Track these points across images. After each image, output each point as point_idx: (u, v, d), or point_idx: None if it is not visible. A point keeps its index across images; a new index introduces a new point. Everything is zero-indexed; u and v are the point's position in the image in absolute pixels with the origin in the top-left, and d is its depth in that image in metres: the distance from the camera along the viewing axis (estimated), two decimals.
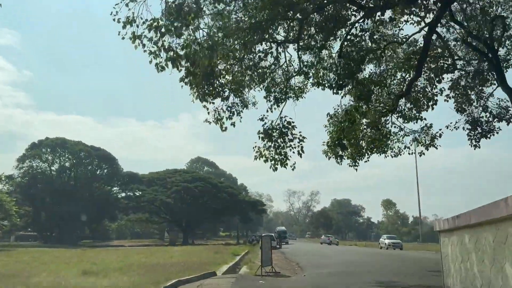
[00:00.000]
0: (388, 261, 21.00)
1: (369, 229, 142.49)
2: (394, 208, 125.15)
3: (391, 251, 39.18)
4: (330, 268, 17.67)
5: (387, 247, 45.60)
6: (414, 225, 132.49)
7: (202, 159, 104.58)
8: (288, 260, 24.05)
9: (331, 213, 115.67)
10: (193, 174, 60.70)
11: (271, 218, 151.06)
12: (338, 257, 25.44)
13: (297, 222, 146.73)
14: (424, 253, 35.22)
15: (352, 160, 20.04)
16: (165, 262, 20.41)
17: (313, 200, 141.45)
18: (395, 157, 20.98)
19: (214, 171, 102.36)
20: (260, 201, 67.71)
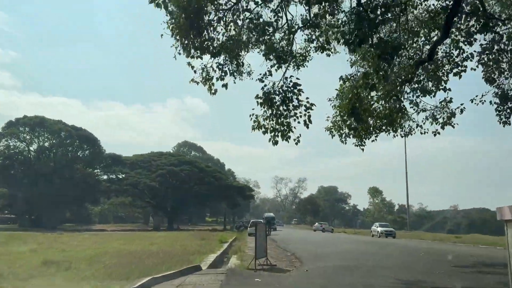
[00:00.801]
0: (395, 253, 18.68)
1: (355, 216, 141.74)
2: (381, 196, 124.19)
3: (385, 239, 37.13)
4: (333, 260, 15.24)
5: (379, 235, 43.59)
6: (400, 212, 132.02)
7: (189, 143, 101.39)
8: (281, 249, 21.61)
9: (318, 200, 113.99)
10: (179, 157, 57.73)
11: (258, 204, 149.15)
12: (336, 246, 23.10)
13: (284, 209, 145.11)
14: (421, 242, 33.19)
15: (358, 139, 17.60)
16: (144, 251, 17.80)
17: (300, 187, 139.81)
18: (405, 136, 18.54)
19: (202, 155, 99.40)
20: (248, 187, 65.26)
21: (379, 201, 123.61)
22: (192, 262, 13.34)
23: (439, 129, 17.20)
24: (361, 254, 17.57)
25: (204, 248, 20.37)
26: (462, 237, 37.08)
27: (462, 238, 35.97)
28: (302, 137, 11.04)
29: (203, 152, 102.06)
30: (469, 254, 18.74)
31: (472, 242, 30.87)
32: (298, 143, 11.24)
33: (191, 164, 55.41)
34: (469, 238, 37.19)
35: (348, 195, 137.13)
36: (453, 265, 13.30)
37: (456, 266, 13.18)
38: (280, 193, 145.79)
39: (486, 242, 30.52)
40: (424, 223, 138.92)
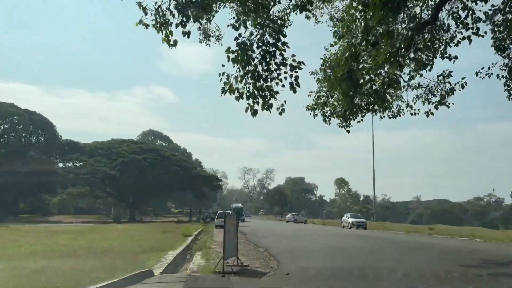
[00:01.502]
0: (385, 248, 16.44)
1: (321, 207, 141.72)
2: (347, 187, 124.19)
3: (359, 231, 35.32)
4: (316, 259, 12.83)
5: (350, 226, 41.94)
6: (364, 203, 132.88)
7: (155, 132, 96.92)
8: (252, 244, 19.04)
9: (285, 190, 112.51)
10: (142, 145, 53.94)
11: (226, 195, 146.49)
12: (313, 239, 20.75)
13: (251, 200, 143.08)
14: (398, 234, 31.55)
15: (342, 119, 15.25)
16: (92, 248, 14.84)
17: (268, 178, 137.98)
18: (393, 118, 16.24)
19: (168, 145, 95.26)
20: (215, 176, 62.35)
21: (345, 192, 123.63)
22: (143, 265, 10.56)
23: (432, 109, 15.03)
24: (347, 251, 15.26)
25: (164, 243, 17.56)
26: (435, 229, 35.82)
27: (436, 230, 34.67)
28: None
29: (169, 141, 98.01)
30: (463, 249, 16.79)
31: (448, 234, 29.44)
32: (283, 113, 8.59)
33: (155, 152, 51.87)
34: (443, 229, 36.00)
35: (315, 186, 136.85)
36: (459, 265, 11.13)
37: (464, 265, 11.02)
38: (248, 184, 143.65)
39: (461, 234, 29.16)
40: (387, 213, 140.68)
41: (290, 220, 61.12)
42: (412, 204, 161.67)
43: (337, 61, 10.52)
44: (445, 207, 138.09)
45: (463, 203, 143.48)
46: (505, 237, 24.90)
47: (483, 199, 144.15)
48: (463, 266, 10.87)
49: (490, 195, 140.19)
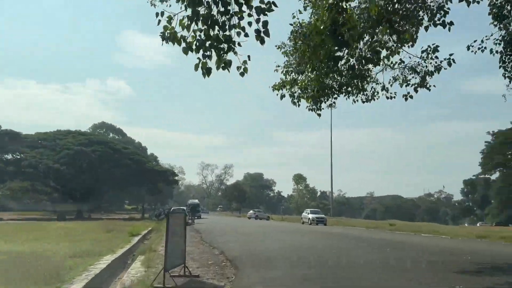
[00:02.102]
0: (356, 249, 14.40)
1: (279, 202, 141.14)
2: (304, 183, 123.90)
3: (321, 227, 33.65)
4: (284, 264, 10.58)
5: (310, 222, 40.37)
6: (321, 199, 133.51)
7: (107, 124, 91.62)
8: (207, 244, 16.55)
9: (244, 186, 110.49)
10: (91, 136, 49.66)
11: (183, 191, 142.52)
12: (275, 238, 18.52)
13: (209, 195, 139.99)
14: (360, 231, 30.10)
15: (313, 101, 13.18)
16: (9, 252, 11.89)
17: (227, 174, 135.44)
18: (367, 102, 14.24)
19: (121, 138, 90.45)
20: (171, 171, 58.97)
21: (302, 188, 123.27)
22: (63, 276, 7.91)
23: (411, 92, 13.19)
24: (315, 252, 13.11)
25: (103, 245, 14.72)
26: (396, 225, 34.87)
27: (396, 226, 33.66)
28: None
29: (123, 135, 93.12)
30: (444, 249, 15.14)
31: (411, 231, 28.30)
32: (245, 73, 6.21)
33: (104, 144, 47.90)
34: (403, 226, 35.09)
35: (274, 182, 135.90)
36: (454, 271, 9.25)
37: (459, 272, 9.14)
38: (206, 179, 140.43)
39: (423, 230, 28.12)
40: (343, 209, 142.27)
41: (251, 216, 59.15)
42: (366, 199, 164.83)
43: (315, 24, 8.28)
44: (398, 202, 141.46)
45: (415, 199, 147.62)
46: (468, 233, 23.93)
47: (434, 195, 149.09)
48: (457, 273, 8.99)
49: (440, 192, 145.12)
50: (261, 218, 57.21)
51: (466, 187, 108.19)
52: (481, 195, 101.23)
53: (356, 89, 13.40)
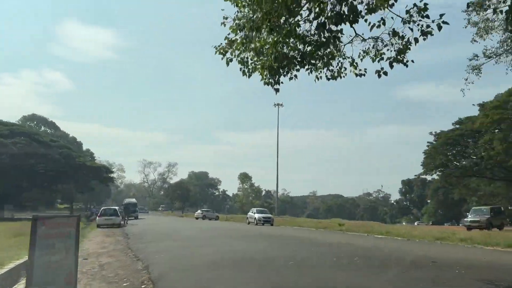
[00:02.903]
0: (315, 255, 11.61)
1: (224, 201, 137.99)
2: (250, 182, 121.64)
3: (267, 228, 30.90)
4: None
5: (257, 222, 37.65)
6: (266, 198, 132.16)
7: (38, 117, 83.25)
8: (131, 255, 13.07)
9: (188, 185, 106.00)
10: (12, 127, 43.56)
11: (122, 189, 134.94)
12: (219, 244, 15.36)
13: (151, 195, 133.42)
14: (309, 232, 27.75)
15: (269, 73, 10.24)
16: None
17: (170, 172, 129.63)
18: (333, 79, 11.46)
19: (54, 132, 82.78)
20: (105, 167, 53.61)
21: (248, 187, 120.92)
22: None
23: (386, 68, 10.58)
24: (274, 266, 10.13)
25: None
26: (345, 225, 32.99)
27: (345, 226, 31.76)
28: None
29: (56, 128, 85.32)
30: (424, 256, 12.83)
31: (364, 231, 26.38)
32: None
33: (28, 136, 42.11)
34: (352, 226, 33.29)
35: (219, 181, 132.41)
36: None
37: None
38: (147, 178, 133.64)
39: (374, 231, 26.28)
40: (287, 207, 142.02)
41: (199, 216, 55.48)
42: (309, 198, 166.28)
43: None
44: (339, 201, 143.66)
45: (355, 198, 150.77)
46: (424, 235, 22.23)
47: (372, 195, 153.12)
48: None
49: (378, 191, 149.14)
50: (210, 218, 53.80)
51: (404, 187, 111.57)
52: (418, 195, 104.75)
53: (322, 62, 10.63)
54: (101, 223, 29.84)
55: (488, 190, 59.11)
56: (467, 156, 53.46)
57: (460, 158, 54.59)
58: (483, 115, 46.56)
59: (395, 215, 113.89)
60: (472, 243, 18.12)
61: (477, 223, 29.32)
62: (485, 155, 45.79)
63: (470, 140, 50.91)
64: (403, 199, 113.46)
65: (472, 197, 71.73)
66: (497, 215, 31.70)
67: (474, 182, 59.56)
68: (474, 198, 71.66)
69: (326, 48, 10.31)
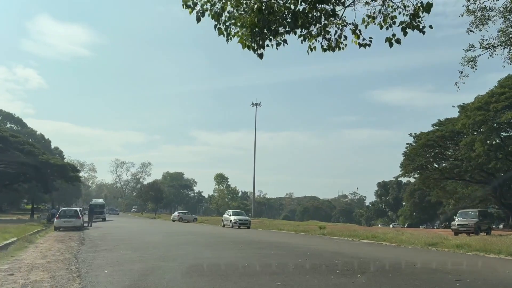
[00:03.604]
0: (319, 273, 9.07)
1: (199, 203, 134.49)
2: (226, 183, 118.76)
3: (244, 232, 28.25)
4: None
5: (232, 225, 35.00)
6: (242, 199, 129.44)
7: (4, 113, 78.11)
8: (73, 268, 10.23)
9: (162, 186, 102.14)
10: None
11: (94, 189, 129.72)
12: (188, 254, 12.66)
13: (123, 195, 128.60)
14: (290, 236, 25.37)
15: (252, 35, 7.69)
16: None
17: (144, 172, 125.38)
18: (330, 50, 9.06)
19: (20, 129, 77.79)
20: (71, 165, 49.71)
21: (224, 188, 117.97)
22: None
23: (398, 35, 8.14)
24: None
25: None
26: (326, 228, 30.73)
27: (327, 229, 29.51)
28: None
29: (23, 126, 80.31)
30: (440, 269, 10.53)
31: (347, 236, 24.19)
32: None
33: None
34: (334, 229, 31.06)
35: (194, 182, 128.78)
36: None
37: None
38: (120, 178, 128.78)
39: (359, 235, 24.16)
40: (263, 209, 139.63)
41: (175, 218, 52.51)
42: (285, 200, 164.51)
43: None
44: (315, 203, 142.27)
45: (330, 200, 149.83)
46: (413, 240, 20.17)
47: (348, 197, 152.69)
48: None
49: (354, 193, 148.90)
50: (188, 220, 50.87)
51: (380, 189, 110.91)
52: (393, 197, 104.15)
53: (318, 29, 8.15)
54: (60, 226, 26.61)
55: (465, 192, 58.33)
56: (447, 158, 52.45)
57: (439, 160, 53.58)
58: (464, 116, 45.52)
59: (371, 217, 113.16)
60: (470, 250, 16.09)
61: (465, 227, 27.53)
62: (466, 157, 44.65)
63: (449, 142, 49.85)
64: (378, 201, 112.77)
65: (449, 200, 71.13)
66: (485, 219, 30.09)
67: (451, 185, 58.79)
68: (451, 200, 71.03)
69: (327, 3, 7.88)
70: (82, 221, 28.26)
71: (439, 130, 50.07)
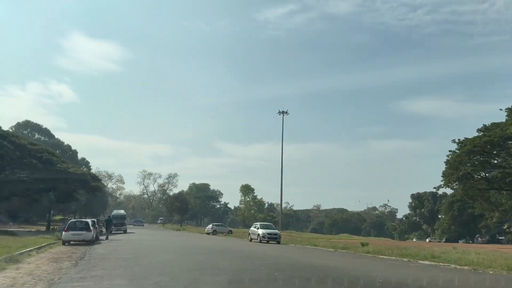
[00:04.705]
0: None
1: (225, 214, 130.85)
2: (252, 194, 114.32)
3: (276, 249, 24.16)
4: None
5: (260, 239, 30.97)
6: (269, 211, 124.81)
7: (32, 124, 77.33)
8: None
9: (188, 197, 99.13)
10: None
11: (122, 201, 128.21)
12: (198, 283, 8.90)
13: (150, 206, 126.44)
14: (331, 254, 21.13)
15: None
16: None
17: (170, 183, 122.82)
18: None
19: (47, 140, 76.77)
20: (92, 174, 46.92)
21: (250, 199, 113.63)
22: None
23: None
24: None
25: None
26: (369, 244, 26.27)
27: (371, 247, 25.05)
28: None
29: (50, 136, 79.34)
30: None
31: (398, 255, 19.79)
32: None
33: (2, 137, 35.92)
34: (376, 244, 26.60)
35: (220, 193, 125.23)
36: None
37: None
38: (147, 189, 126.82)
39: (415, 254, 19.73)
40: (290, 221, 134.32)
41: (209, 231, 49.21)
42: (313, 212, 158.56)
43: None
44: (344, 216, 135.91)
45: (360, 212, 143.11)
46: (489, 262, 15.62)
47: (378, 209, 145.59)
48: None
49: (385, 206, 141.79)
50: (222, 233, 47.85)
51: (414, 201, 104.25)
52: (428, 209, 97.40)
53: None
54: (68, 239, 23.37)
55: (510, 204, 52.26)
56: (494, 166, 46.86)
57: (486, 169, 48.00)
58: None
59: (405, 230, 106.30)
60: None
61: None
62: None
63: (499, 148, 44.38)
64: (412, 214, 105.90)
65: (493, 212, 64.64)
66: None
67: (493, 196, 52.94)
68: (495, 213, 64.50)
69: None
70: (94, 234, 24.97)
71: (486, 135, 44.63)
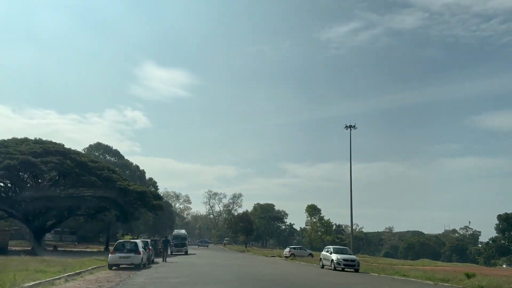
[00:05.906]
0: None
1: (290, 236, 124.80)
2: (319, 215, 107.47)
3: (348, 277, 19.10)
4: None
5: (335, 266, 25.81)
6: (337, 233, 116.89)
7: (103, 146, 79.12)
8: None
9: (252, 217, 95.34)
10: (48, 145, 36.68)
11: (189, 221, 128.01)
12: None
13: (215, 226, 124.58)
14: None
15: None
16: None
17: (235, 203, 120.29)
18: None
19: (117, 161, 77.90)
20: (153, 192, 44.77)
21: (316, 220, 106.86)
22: None
23: None
24: None
25: None
26: (476, 276, 20.24)
27: (478, 277, 19.11)
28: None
29: (120, 157, 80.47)
30: None
31: None
32: None
33: (62, 155, 34.94)
34: (481, 274, 20.45)
35: (285, 214, 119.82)
36: None
37: None
38: (213, 209, 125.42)
39: None
40: (361, 244, 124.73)
41: (287, 255, 44.37)
42: (385, 235, 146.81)
43: None
44: (421, 239, 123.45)
45: (438, 235, 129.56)
46: None
47: (458, 232, 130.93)
48: None
49: (465, 228, 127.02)
50: (302, 256, 43.15)
51: (501, 222, 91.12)
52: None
53: None
54: (114, 262, 20.29)
55: None
56: None
57: None
58: None
59: (492, 255, 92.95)
60: None
61: None
62: None
63: None
64: (500, 237, 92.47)
65: None
66: None
67: None
68: None
69: None
70: (144, 257, 21.73)
71: None
